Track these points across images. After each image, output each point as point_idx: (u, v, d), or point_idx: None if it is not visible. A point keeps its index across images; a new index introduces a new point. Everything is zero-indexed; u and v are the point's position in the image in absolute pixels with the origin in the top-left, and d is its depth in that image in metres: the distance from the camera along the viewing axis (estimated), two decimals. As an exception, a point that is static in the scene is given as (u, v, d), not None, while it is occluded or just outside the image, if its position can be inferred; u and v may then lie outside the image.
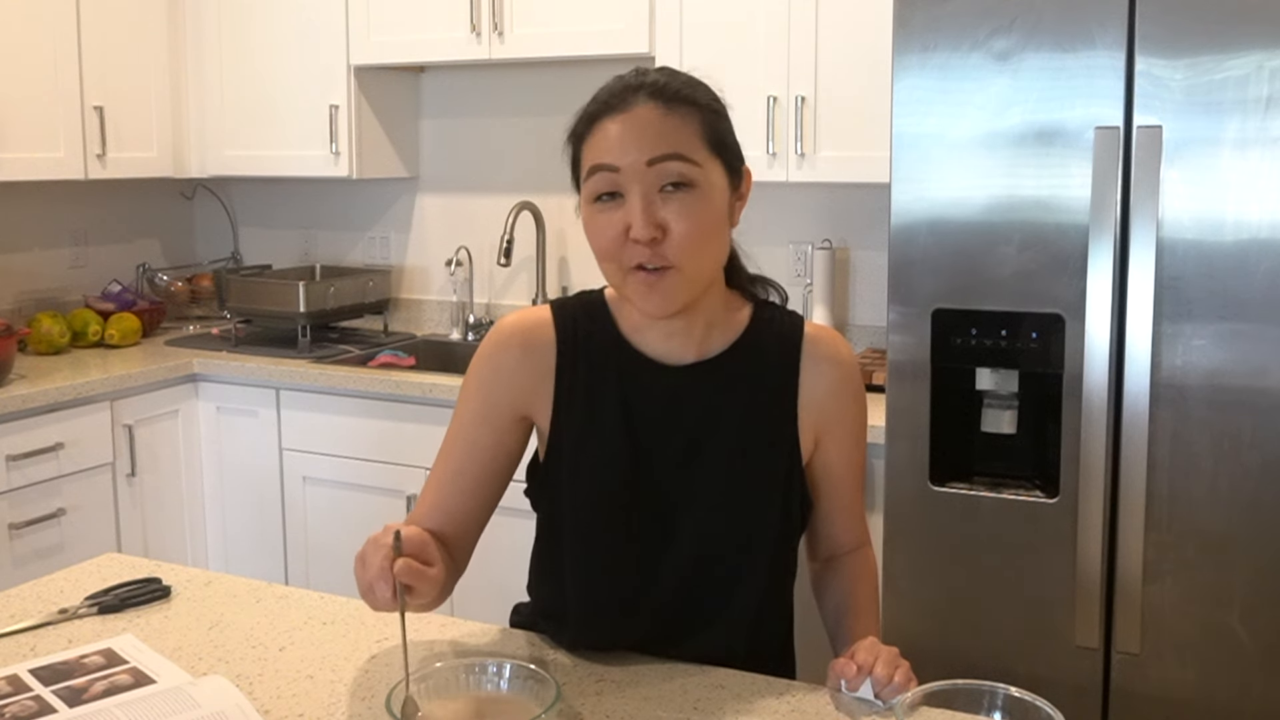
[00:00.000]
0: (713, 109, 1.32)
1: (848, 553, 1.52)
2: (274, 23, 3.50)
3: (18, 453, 2.88)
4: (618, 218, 1.28)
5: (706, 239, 1.29)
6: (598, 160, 1.29)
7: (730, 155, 1.34)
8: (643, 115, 1.28)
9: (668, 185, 1.27)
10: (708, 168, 1.29)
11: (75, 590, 1.58)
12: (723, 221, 1.32)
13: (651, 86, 1.30)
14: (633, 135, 1.27)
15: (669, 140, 1.27)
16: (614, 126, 1.28)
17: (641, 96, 1.29)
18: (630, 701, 1.28)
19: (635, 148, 1.26)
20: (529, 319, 1.43)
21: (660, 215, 1.27)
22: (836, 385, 1.43)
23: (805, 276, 3.19)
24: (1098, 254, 2.04)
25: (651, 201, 1.27)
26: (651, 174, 1.26)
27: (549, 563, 1.46)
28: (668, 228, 1.27)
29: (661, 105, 1.28)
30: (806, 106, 2.82)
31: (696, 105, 1.30)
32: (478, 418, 1.42)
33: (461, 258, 3.67)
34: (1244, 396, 1.99)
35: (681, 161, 1.27)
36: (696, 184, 1.28)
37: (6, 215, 3.54)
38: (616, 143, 1.27)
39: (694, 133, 1.28)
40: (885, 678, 1.24)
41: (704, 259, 1.31)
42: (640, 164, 1.26)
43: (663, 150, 1.26)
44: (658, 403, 1.38)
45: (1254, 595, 2.02)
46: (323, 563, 3.28)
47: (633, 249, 1.28)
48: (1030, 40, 2.06)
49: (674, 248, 1.27)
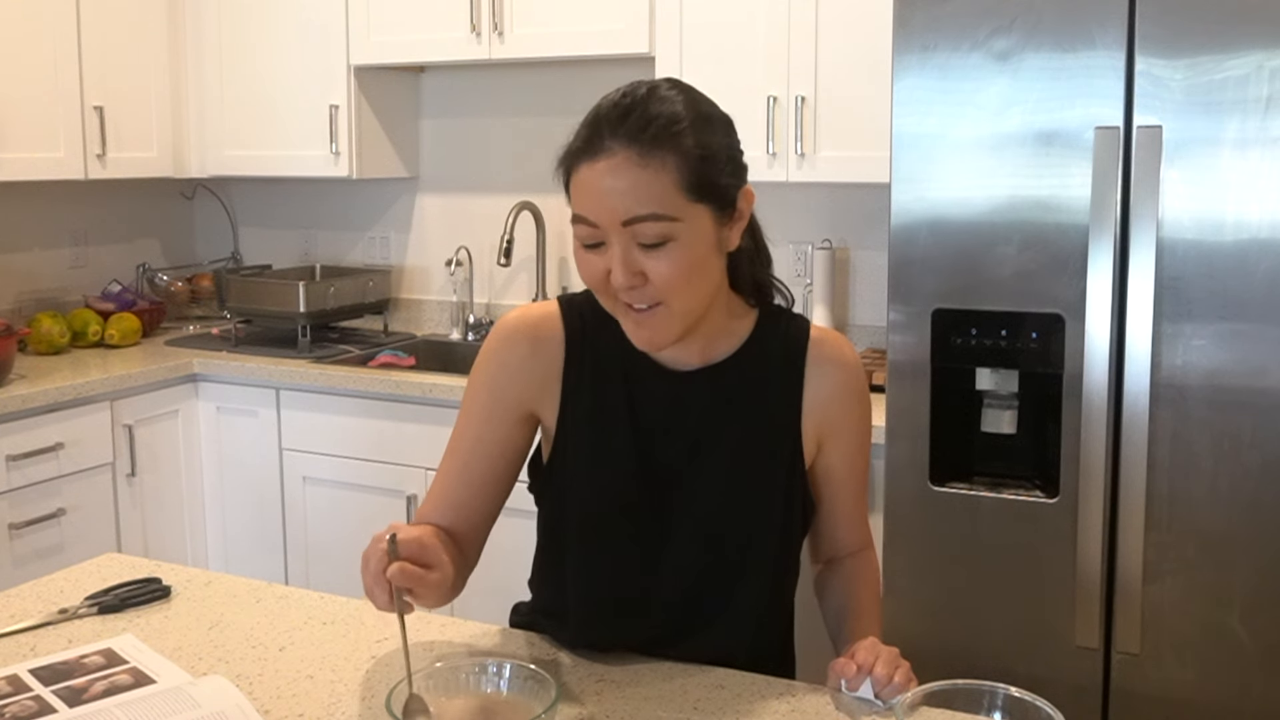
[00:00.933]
0: (697, 151, 1.24)
1: (850, 555, 1.52)
2: (274, 23, 3.50)
3: (18, 453, 2.88)
4: (601, 262, 1.26)
5: (688, 280, 1.26)
6: (578, 211, 1.26)
7: (718, 195, 1.27)
8: (617, 167, 1.22)
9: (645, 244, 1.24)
10: (688, 217, 1.24)
11: (75, 590, 1.58)
12: (707, 259, 1.28)
13: (631, 128, 1.23)
14: (607, 192, 1.22)
15: (643, 200, 1.22)
16: (591, 177, 1.24)
17: (619, 142, 1.22)
18: (630, 701, 1.28)
19: (610, 207, 1.23)
20: (536, 314, 1.43)
21: (639, 265, 1.25)
22: (840, 389, 1.43)
23: (805, 276, 3.19)
24: (1098, 254, 2.04)
25: (630, 252, 1.24)
26: (627, 232, 1.24)
27: (551, 561, 1.46)
28: (647, 275, 1.25)
29: (637, 154, 1.22)
30: (806, 106, 2.82)
31: (676, 152, 1.23)
32: (485, 413, 1.42)
33: (461, 258, 3.67)
34: (1244, 396, 1.99)
35: (657, 221, 1.22)
36: (675, 238, 1.24)
37: (6, 215, 3.54)
38: (593, 199, 1.24)
39: (671, 183, 1.22)
40: (885, 677, 1.24)
41: (690, 296, 1.28)
42: (615, 223, 1.23)
43: (636, 213, 1.22)
44: (662, 405, 1.38)
45: (1254, 595, 2.02)
46: (323, 563, 3.28)
47: (620, 291, 1.27)
48: (1030, 40, 2.06)
49: (656, 289, 1.26)
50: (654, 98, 1.26)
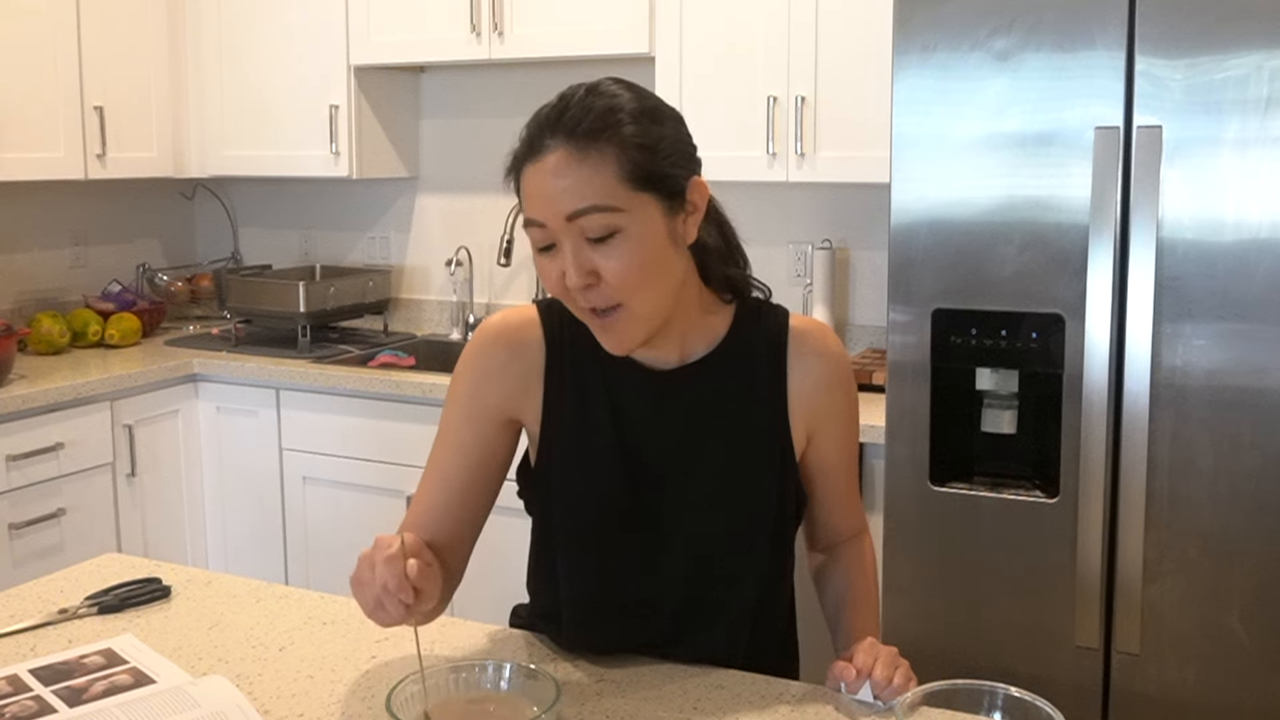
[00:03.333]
0: (636, 140, 1.23)
1: (846, 540, 1.52)
2: (274, 23, 3.50)
3: (18, 453, 2.88)
4: (555, 266, 1.26)
5: (643, 276, 1.25)
6: (528, 215, 1.26)
7: (664, 185, 1.26)
8: (557, 164, 1.22)
9: (592, 238, 1.23)
10: (633, 208, 1.23)
11: (75, 590, 1.58)
12: (661, 253, 1.26)
13: (567, 125, 1.23)
14: (549, 190, 1.22)
15: (583, 193, 1.21)
16: (534, 178, 1.24)
17: (558, 139, 1.23)
18: (630, 702, 1.28)
19: (553, 203, 1.22)
20: (515, 319, 1.42)
21: (591, 263, 1.24)
22: (825, 378, 1.42)
23: (805, 276, 3.19)
24: (1098, 254, 2.04)
25: (580, 250, 1.23)
26: (574, 228, 1.23)
27: (544, 566, 1.45)
28: (600, 273, 1.24)
29: (574, 149, 1.22)
30: (806, 106, 2.82)
31: (615, 140, 1.22)
32: (465, 420, 1.42)
33: (461, 258, 3.67)
34: (1244, 396, 1.99)
35: (600, 213, 1.22)
36: (621, 228, 1.23)
37: (6, 215, 3.54)
38: (537, 199, 1.24)
39: (611, 175, 1.22)
40: (885, 680, 1.24)
41: (647, 293, 1.27)
42: (560, 219, 1.23)
43: (578, 205, 1.21)
44: (646, 406, 1.38)
45: (1254, 595, 2.02)
46: (323, 563, 3.28)
47: (577, 294, 1.26)
48: (1030, 40, 2.06)
49: (612, 288, 1.25)
50: (592, 93, 1.26)
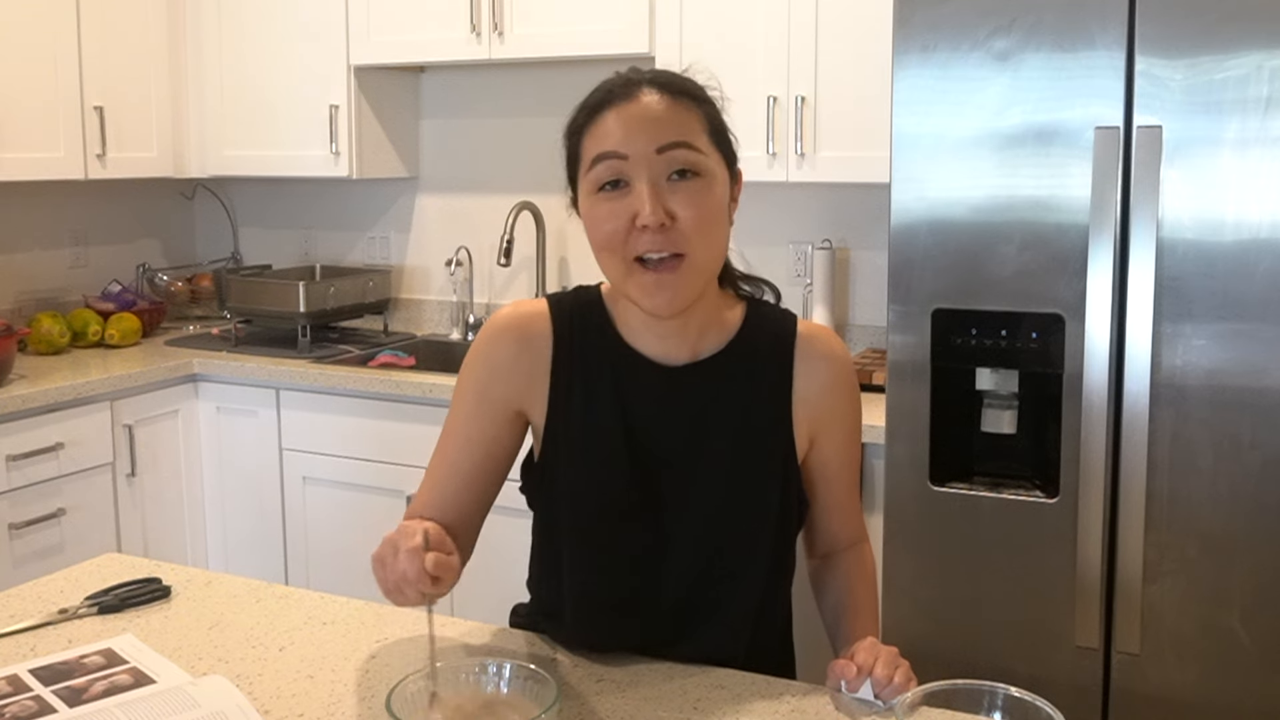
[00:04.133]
0: (713, 103, 1.35)
1: (845, 548, 1.52)
2: (274, 23, 3.50)
3: (18, 453, 2.88)
4: (622, 206, 1.27)
5: (713, 226, 1.30)
6: (604, 149, 1.29)
7: (729, 151, 1.36)
8: (648, 104, 1.29)
9: (674, 174, 1.27)
10: (712, 158, 1.31)
11: (75, 590, 1.58)
12: (725, 213, 1.34)
13: (653, 79, 1.32)
14: (640, 123, 1.28)
15: (676, 128, 1.28)
16: (620, 115, 1.29)
17: (645, 87, 1.31)
18: (630, 701, 1.28)
19: (644, 135, 1.27)
20: (525, 312, 1.42)
21: (668, 203, 1.27)
22: (831, 382, 1.43)
23: (805, 276, 3.19)
24: (1098, 254, 2.04)
25: (660, 188, 1.27)
26: (660, 161, 1.27)
27: (546, 562, 1.46)
28: (676, 215, 1.27)
29: (668, 96, 1.30)
30: (806, 106, 2.82)
31: (698, 98, 1.33)
32: (472, 412, 1.42)
33: (461, 258, 3.67)
34: (1244, 396, 1.99)
35: (689, 150, 1.28)
36: (703, 172, 1.29)
37: (6, 215, 3.54)
38: (624, 130, 1.28)
39: (698, 123, 1.30)
40: (885, 679, 1.24)
41: (711, 249, 1.31)
42: (649, 151, 1.27)
43: (671, 138, 1.27)
44: (654, 403, 1.38)
45: (1254, 595, 2.02)
46: (323, 563, 3.28)
47: (639, 238, 1.27)
48: (1030, 40, 2.06)
49: (682, 234, 1.27)
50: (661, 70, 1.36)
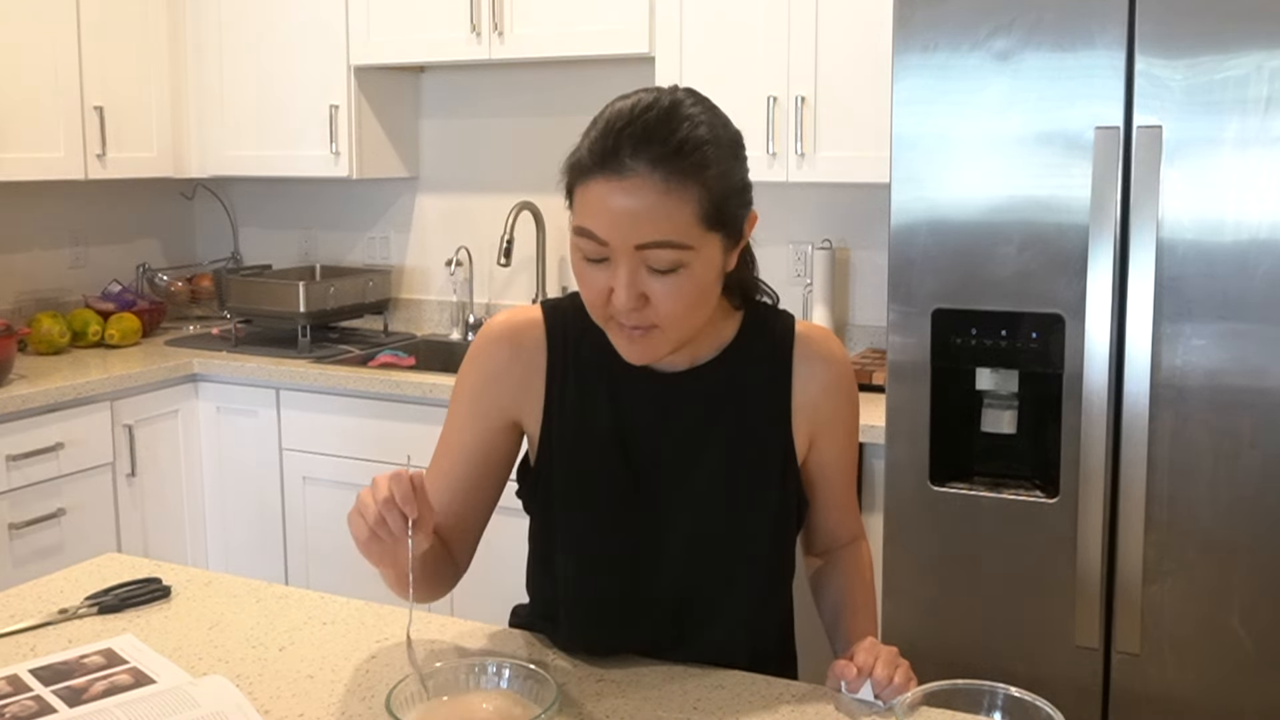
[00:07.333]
0: (720, 183, 1.21)
1: (843, 546, 1.52)
2: (274, 23, 3.50)
3: (18, 453, 2.88)
4: (602, 279, 1.23)
5: (691, 309, 1.25)
6: (585, 224, 1.21)
7: (731, 226, 1.25)
8: (640, 191, 1.17)
9: (655, 269, 1.21)
10: (701, 246, 1.21)
11: (75, 590, 1.57)
12: (711, 287, 1.26)
13: (656, 153, 1.17)
14: (625, 216, 1.17)
15: (662, 227, 1.18)
16: (607, 195, 1.18)
17: (641, 163, 1.17)
18: (630, 702, 1.28)
19: (626, 230, 1.18)
20: (519, 319, 1.42)
21: (644, 287, 1.22)
22: (830, 384, 1.42)
23: (805, 276, 3.19)
24: (1098, 254, 2.04)
25: (637, 276, 1.21)
26: (638, 256, 1.20)
27: (543, 568, 1.45)
28: (651, 300, 1.22)
29: (661, 181, 1.17)
30: (806, 106, 2.82)
31: (701, 181, 1.19)
32: (468, 419, 1.42)
33: (461, 258, 3.67)
34: (1244, 396, 1.99)
35: (671, 249, 1.19)
36: (686, 265, 1.21)
37: (6, 215, 3.54)
38: (606, 218, 1.18)
39: (692, 214, 1.19)
40: (885, 679, 1.24)
41: (689, 322, 1.26)
42: (628, 245, 1.19)
43: (654, 238, 1.18)
44: (650, 409, 1.38)
45: (1254, 595, 2.02)
46: (323, 563, 3.27)
47: (615, 306, 1.23)
48: (1030, 40, 2.06)
49: (657, 314, 1.23)
50: (678, 116, 1.20)
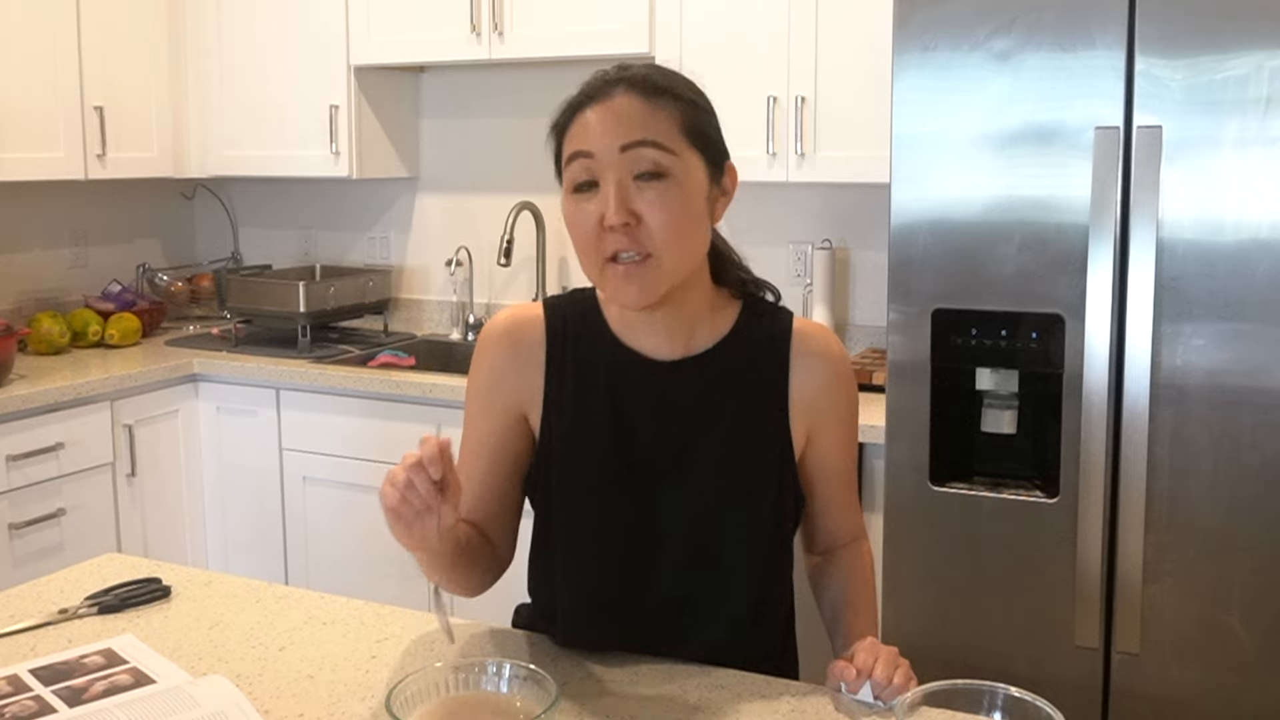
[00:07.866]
0: (694, 102, 1.33)
1: (844, 545, 1.52)
2: (274, 23, 3.50)
3: (18, 453, 2.88)
4: (593, 207, 1.28)
5: (682, 229, 1.28)
6: (574, 148, 1.29)
7: (711, 149, 1.33)
8: (620, 104, 1.29)
9: (642, 174, 1.27)
10: (684, 158, 1.29)
11: (75, 590, 1.57)
12: (701, 214, 1.32)
13: (631, 79, 1.31)
14: (609, 122, 1.28)
15: (644, 128, 1.27)
16: (592, 115, 1.29)
17: (621, 88, 1.30)
18: (630, 701, 1.28)
19: (610, 134, 1.27)
20: (519, 316, 1.44)
21: (634, 203, 1.26)
22: (827, 380, 1.43)
23: (805, 276, 3.19)
24: (1098, 254, 2.04)
25: (625, 188, 1.27)
26: (625, 160, 1.26)
27: (543, 563, 1.46)
28: (642, 216, 1.26)
29: (640, 96, 1.29)
30: (806, 106, 2.82)
31: (676, 97, 1.31)
32: (481, 417, 1.44)
33: (461, 258, 3.67)
34: (1244, 396, 1.99)
35: (656, 149, 1.27)
36: (671, 173, 1.27)
37: (6, 215, 3.54)
38: (593, 129, 1.28)
39: (672, 123, 1.29)
40: (885, 680, 1.24)
41: (681, 250, 1.30)
42: (614, 149, 1.26)
43: (636, 136, 1.27)
44: (647, 400, 1.38)
45: (1254, 595, 2.02)
46: (323, 563, 3.27)
47: (607, 238, 1.27)
48: (1030, 40, 2.06)
49: (649, 236, 1.27)
50: (656, 70, 1.34)
